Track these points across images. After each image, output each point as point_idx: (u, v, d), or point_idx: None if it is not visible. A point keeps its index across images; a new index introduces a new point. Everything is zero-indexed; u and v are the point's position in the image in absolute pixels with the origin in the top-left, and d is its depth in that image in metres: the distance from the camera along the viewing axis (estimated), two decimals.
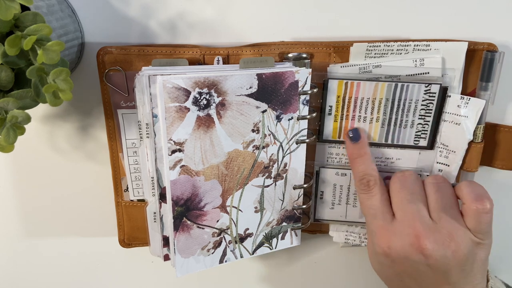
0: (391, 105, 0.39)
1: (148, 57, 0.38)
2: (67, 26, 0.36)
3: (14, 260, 0.50)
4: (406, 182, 0.37)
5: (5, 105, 0.29)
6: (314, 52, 0.39)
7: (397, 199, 0.37)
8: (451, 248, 0.34)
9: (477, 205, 0.34)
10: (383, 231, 0.36)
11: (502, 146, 0.42)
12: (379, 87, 0.38)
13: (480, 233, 0.35)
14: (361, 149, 0.39)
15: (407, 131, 0.40)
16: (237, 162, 0.38)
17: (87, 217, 0.47)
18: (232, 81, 0.35)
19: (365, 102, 0.39)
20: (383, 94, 0.39)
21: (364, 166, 0.38)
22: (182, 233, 0.38)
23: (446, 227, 0.35)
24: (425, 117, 0.39)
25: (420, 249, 0.34)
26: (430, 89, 0.38)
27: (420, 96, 0.39)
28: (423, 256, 0.34)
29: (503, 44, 0.39)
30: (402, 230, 0.35)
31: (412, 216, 0.35)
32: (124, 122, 0.40)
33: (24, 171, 0.45)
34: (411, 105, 0.39)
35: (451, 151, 0.40)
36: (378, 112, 0.39)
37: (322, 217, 0.44)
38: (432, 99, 0.38)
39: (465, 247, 0.34)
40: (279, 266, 0.50)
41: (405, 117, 0.40)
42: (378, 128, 0.40)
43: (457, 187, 0.37)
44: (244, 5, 0.39)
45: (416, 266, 0.35)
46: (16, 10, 0.28)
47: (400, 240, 0.35)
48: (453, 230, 0.35)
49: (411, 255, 0.35)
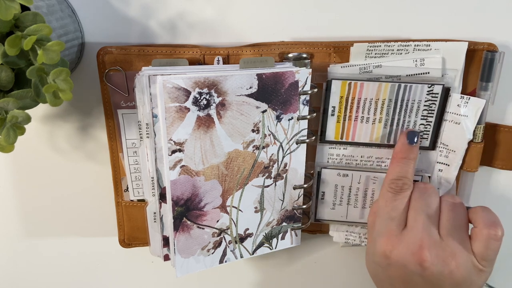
0: (394, 106, 0.39)
1: (148, 57, 0.38)
2: (67, 26, 0.36)
3: (14, 260, 0.50)
4: (425, 194, 0.37)
5: (5, 105, 0.29)
6: (314, 52, 0.39)
7: (413, 207, 0.37)
8: (450, 266, 0.34)
9: (489, 230, 0.34)
10: (392, 235, 0.36)
11: (502, 146, 0.42)
12: (382, 88, 0.38)
13: (484, 260, 0.35)
14: (411, 152, 0.38)
15: None
16: (237, 162, 0.38)
17: (87, 217, 0.47)
18: (232, 81, 0.35)
19: (368, 103, 0.39)
20: (386, 94, 0.39)
21: (406, 169, 0.38)
22: (182, 233, 0.38)
23: (451, 246, 0.35)
24: (427, 118, 0.39)
25: (420, 259, 0.34)
26: (432, 89, 0.38)
27: (423, 97, 0.39)
28: (421, 267, 0.34)
29: (503, 44, 0.39)
30: (409, 239, 0.35)
31: (422, 227, 0.35)
32: (124, 122, 0.40)
33: (24, 171, 0.45)
34: (414, 105, 0.39)
35: (451, 151, 0.40)
36: (381, 112, 0.40)
37: (323, 218, 0.44)
38: (435, 99, 0.39)
39: (464, 270, 0.34)
40: (279, 266, 0.50)
41: (407, 117, 0.40)
42: (381, 129, 0.40)
43: (471, 210, 0.37)
44: (244, 5, 0.39)
45: (411, 275, 0.35)
46: (16, 10, 0.28)
47: (404, 247, 0.35)
48: (458, 251, 0.35)
49: (410, 263, 0.35)
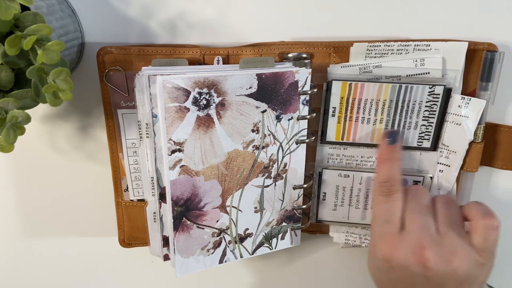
0: (395, 107, 0.39)
1: (148, 57, 0.38)
2: (67, 26, 0.36)
3: (14, 260, 0.50)
4: (417, 195, 0.37)
5: (5, 105, 0.29)
6: (314, 52, 0.39)
7: (408, 209, 0.37)
8: (453, 264, 0.34)
9: (485, 221, 0.34)
10: (391, 237, 0.36)
11: (502, 146, 0.42)
12: (383, 89, 0.38)
13: (485, 252, 0.34)
14: (394, 153, 0.38)
15: (410, 133, 0.40)
16: (237, 162, 0.38)
17: (87, 217, 0.47)
18: (232, 81, 0.35)
19: (369, 104, 0.39)
20: (387, 95, 0.39)
21: (392, 171, 0.38)
22: (182, 233, 0.38)
23: (451, 243, 0.35)
24: (428, 119, 0.39)
25: (422, 260, 0.34)
26: (434, 90, 0.38)
27: (424, 98, 0.38)
28: (424, 268, 0.34)
29: (503, 44, 0.39)
30: (408, 240, 0.35)
31: (420, 227, 0.35)
32: (124, 122, 0.40)
33: (24, 171, 0.45)
34: (415, 106, 0.39)
35: (451, 152, 0.40)
36: (382, 113, 0.39)
37: (324, 219, 0.44)
38: (436, 100, 0.38)
39: (466, 266, 0.34)
40: (279, 266, 0.50)
41: (408, 118, 0.40)
42: (382, 130, 0.40)
43: (465, 206, 0.37)
44: (244, 5, 0.39)
45: (413, 276, 0.35)
46: (16, 10, 0.28)
47: (404, 249, 0.35)
48: (458, 246, 0.34)
49: (412, 265, 0.35)
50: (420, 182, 0.42)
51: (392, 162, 0.38)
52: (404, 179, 0.41)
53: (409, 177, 0.42)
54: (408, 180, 0.42)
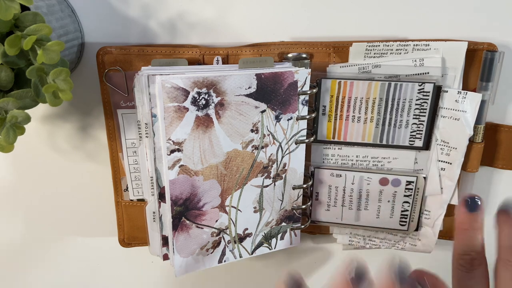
0: (385, 105, 0.39)
1: (148, 57, 0.38)
2: (67, 26, 0.37)
3: (14, 260, 0.50)
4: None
5: (5, 105, 0.30)
6: (313, 52, 0.39)
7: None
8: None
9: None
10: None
11: (502, 146, 0.41)
12: (372, 86, 0.38)
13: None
14: (476, 222, 0.33)
15: (401, 131, 0.40)
16: (236, 162, 0.38)
17: (87, 217, 0.47)
18: (231, 81, 0.35)
19: (359, 102, 0.39)
20: (377, 93, 0.38)
21: (472, 242, 0.33)
22: (181, 232, 0.38)
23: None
24: (419, 117, 0.39)
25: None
26: (423, 88, 0.38)
27: (414, 95, 0.38)
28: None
29: (503, 44, 0.39)
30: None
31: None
32: (124, 122, 0.40)
33: (24, 171, 0.46)
34: (405, 104, 0.39)
35: (452, 148, 0.40)
36: (372, 111, 0.39)
37: (318, 219, 0.44)
38: (426, 98, 0.38)
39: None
40: (279, 266, 0.50)
41: (399, 117, 0.39)
42: (373, 128, 0.40)
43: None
44: (244, 5, 0.39)
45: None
46: (16, 10, 0.28)
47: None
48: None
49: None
50: (413, 183, 0.41)
51: (472, 232, 0.33)
52: (396, 179, 0.41)
53: (402, 177, 0.41)
54: (400, 180, 0.41)
